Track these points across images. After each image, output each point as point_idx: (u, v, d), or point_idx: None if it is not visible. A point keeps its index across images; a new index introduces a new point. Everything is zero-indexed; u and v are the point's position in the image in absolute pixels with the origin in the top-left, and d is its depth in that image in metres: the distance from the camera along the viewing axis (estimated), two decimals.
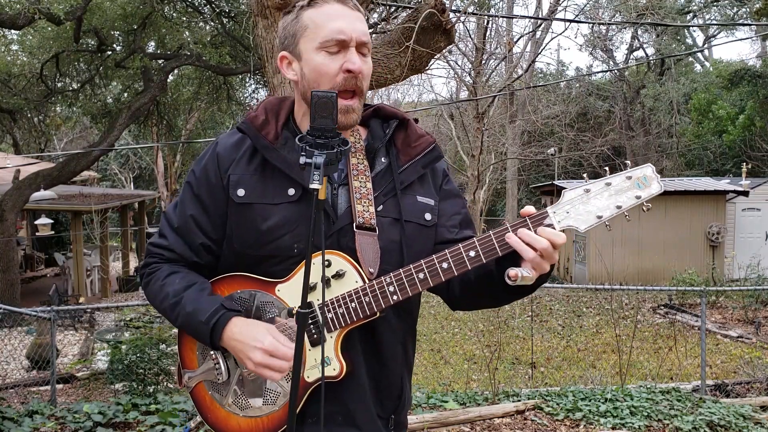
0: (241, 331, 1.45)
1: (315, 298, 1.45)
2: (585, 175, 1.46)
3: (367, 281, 1.45)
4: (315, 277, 1.42)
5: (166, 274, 1.58)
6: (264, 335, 1.43)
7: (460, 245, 1.42)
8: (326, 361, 1.46)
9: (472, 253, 1.42)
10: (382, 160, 1.58)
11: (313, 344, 1.48)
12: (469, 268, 1.42)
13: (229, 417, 1.56)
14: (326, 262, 1.44)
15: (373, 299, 1.44)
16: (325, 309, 1.46)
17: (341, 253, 1.47)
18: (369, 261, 1.47)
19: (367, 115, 1.63)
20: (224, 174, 1.54)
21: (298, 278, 1.48)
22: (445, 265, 1.42)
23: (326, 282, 1.45)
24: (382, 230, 1.51)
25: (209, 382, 1.59)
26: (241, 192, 1.51)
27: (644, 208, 1.43)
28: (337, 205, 1.52)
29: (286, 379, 1.50)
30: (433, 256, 1.43)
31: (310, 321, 1.47)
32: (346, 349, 1.49)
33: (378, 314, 1.46)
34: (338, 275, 1.46)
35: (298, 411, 1.47)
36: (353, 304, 1.45)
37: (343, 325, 1.46)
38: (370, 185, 1.53)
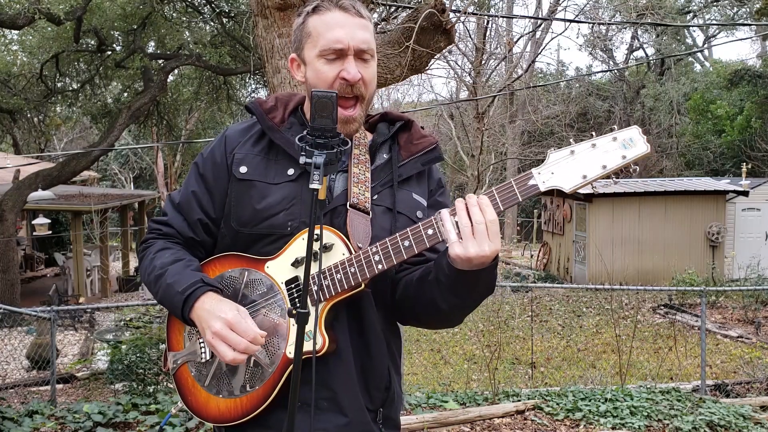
0: (211, 303, 1.45)
1: (300, 273, 1.46)
2: (572, 139, 1.47)
3: (353, 253, 1.46)
4: (300, 251, 1.45)
5: (158, 248, 1.61)
6: (231, 310, 1.43)
7: (446, 209, 1.43)
8: (308, 335, 1.44)
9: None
10: (384, 155, 1.62)
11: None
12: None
13: (209, 399, 1.55)
14: (315, 236, 1.43)
15: (359, 269, 1.44)
16: (311, 282, 1.44)
17: (329, 227, 1.48)
18: (359, 237, 1.48)
19: (374, 121, 1.69)
20: (229, 154, 1.59)
21: (286, 254, 1.50)
22: (430, 231, 1.43)
23: (314, 255, 1.44)
24: (374, 217, 1.53)
25: (192, 362, 1.59)
26: (243, 169, 1.55)
27: (632, 170, 1.41)
28: (334, 188, 1.55)
29: (268, 357, 1.49)
30: (419, 223, 1.44)
31: (295, 295, 1.48)
32: (332, 325, 1.49)
33: (363, 286, 1.46)
34: (325, 248, 1.46)
35: (278, 394, 1.47)
36: (339, 276, 1.45)
37: (328, 297, 1.46)
38: (368, 175, 1.56)
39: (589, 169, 1.40)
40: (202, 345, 1.56)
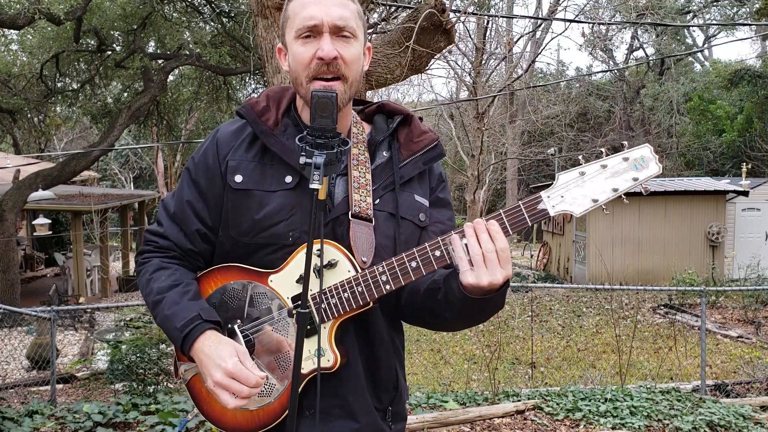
0: (210, 347, 1.42)
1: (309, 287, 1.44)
2: (581, 158, 1.42)
3: (359, 271, 1.43)
4: (303, 266, 1.41)
5: (155, 268, 1.56)
6: (230, 356, 1.39)
7: (453, 233, 1.40)
8: (320, 352, 1.46)
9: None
10: (384, 153, 1.58)
11: (307, 335, 1.45)
12: None
13: (225, 409, 1.54)
14: (318, 252, 1.42)
15: (366, 289, 1.42)
16: (321, 298, 1.44)
17: (333, 242, 1.45)
18: (362, 250, 1.45)
19: (371, 111, 1.64)
20: (222, 160, 1.52)
21: (290, 268, 1.47)
22: (437, 253, 1.40)
23: (318, 272, 1.42)
24: (377, 224, 1.50)
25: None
26: (238, 178, 1.50)
27: (642, 191, 1.39)
28: (334, 194, 1.51)
29: (281, 371, 1.49)
30: (426, 244, 1.41)
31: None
32: (341, 340, 1.48)
33: (371, 305, 1.45)
34: (330, 265, 1.44)
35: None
36: (346, 294, 1.43)
37: (336, 315, 1.45)
38: (369, 176, 1.52)
39: (599, 193, 1.36)
40: None
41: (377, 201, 1.51)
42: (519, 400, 5.45)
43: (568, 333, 10.35)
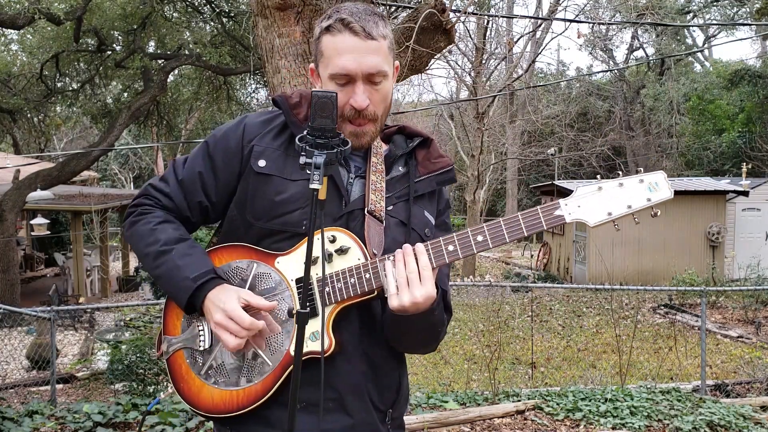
0: (217, 294, 1.48)
1: (314, 272, 1.46)
2: (599, 176, 1.51)
3: (369, 259, 1.47)
4: (316, 251, 1.43)
5: (160, 219, 1.59)
6: (230, 298, 1.45)
7: (468, 229, 1.45)
8: (315, 336, 1.46)
9: (479, 238, 1.45)
10: (400, 168, 1.63)
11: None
12: (475, 252, 1.46)
13: (202, 387, 1.54)
14: (331, 238, 1.47)
15: (374, 276, 1.45)
16: (326, 279, 1.47)
17: (346, 230, 1.49)
18: (375, 244, 1.49)
19: (390, 132, 1.69)
20: (247, 143, 1.58)
21: (299, 252, 1.50)
22: (450, 247, 1.45)
23: (329, 257, 1.46)
24: (388, 227, 1.54)
25: (188, 350, 1.57)
26: (262, 162, 1.55)
27: (652, 213, 1.46)
28: (351, 192, 1.56)
29: (271, 352, 1.49)
30: (440, 238, 1.46)
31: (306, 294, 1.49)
32: (341, 330, 1.49)
33: (376, 293, 1.47)
34: (342, 251, 1.47)
35: (278, 391, 1.47)
36: (352, 280, 1.46)
37: (339, 299, 1.47)
38: (384, 184, 1.57)
39: (614, 207, 1.45)
40: (201, 332, 1.54)
41: (390, 207, 1.56)
42: (519, 400, 5.45)
43: (568, 333, 10.35)
